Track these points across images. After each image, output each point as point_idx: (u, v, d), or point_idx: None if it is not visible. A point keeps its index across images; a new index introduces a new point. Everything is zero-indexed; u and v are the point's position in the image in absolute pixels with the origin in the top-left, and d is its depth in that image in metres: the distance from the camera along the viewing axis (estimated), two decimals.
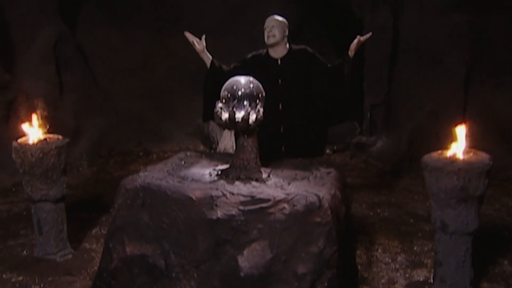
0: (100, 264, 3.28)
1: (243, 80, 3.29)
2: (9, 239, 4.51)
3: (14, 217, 5.04)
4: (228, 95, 3.26)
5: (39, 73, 6.46)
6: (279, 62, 4.16)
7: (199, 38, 4.14)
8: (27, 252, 4.23)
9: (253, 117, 3.17)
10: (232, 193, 2.94)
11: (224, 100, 3.26)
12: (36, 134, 4.07)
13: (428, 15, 6.54)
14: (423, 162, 3.30)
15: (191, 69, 6.50)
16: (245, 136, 3.27)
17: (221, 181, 3.15)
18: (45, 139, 4.01)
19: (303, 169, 3.50)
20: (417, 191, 5.62)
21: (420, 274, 3.85)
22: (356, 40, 4.00)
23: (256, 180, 3.19)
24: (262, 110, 3.21)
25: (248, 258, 2.84)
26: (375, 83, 6.98)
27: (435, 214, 3.34)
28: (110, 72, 7.60)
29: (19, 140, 3.98)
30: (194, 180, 3.19)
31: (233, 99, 3.22)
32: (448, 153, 3.34)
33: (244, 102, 3.22)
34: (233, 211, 2.89)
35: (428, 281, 3.68)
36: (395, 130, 6.76)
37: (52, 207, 4.02)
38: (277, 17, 4.20)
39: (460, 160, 3.22)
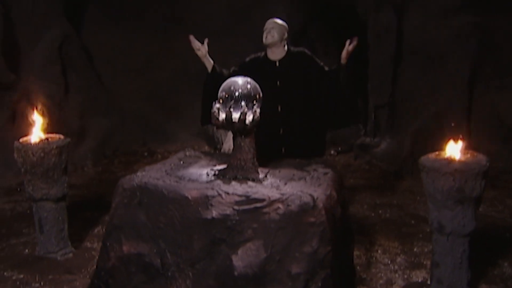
0: (98, 263, 3.31)
1: (241, 81, 3.31)
2: (12, 238, 4.56)
3: (18, 216, 5.09)
4: (226, 96, 3.28)
5: (44, 74, 6.52)
6: (277, 64, 4.19)
7: (202, 42, 4.16)
8: (29, 251, 4.27)
9: (250, 118, 3.19)
10: (227, 193, 2.96)
11: (222, 101, 3.28)
12: (38, 133, 4.12)
13: (433, 17, 6.53)
14: (420, 163, 3.31)
15: (196, 70, 6.51)
16: (242, 137, 3.28)
17: (218, 181, 3.17)
18: (47, 139, 4.05)
19: (301, 170, 3.50)
20: (420, 193, 5.60)
21: (419, 275, 3.85)
22: (345, 50, 4.02)
23: (253, 180, 3.20)
24: (259, 111, 3.23)
25: (243, 258, 2.86)
26: (379, 85, 6.97)
27: (432, 215, 3.34)
28: (115, 73, 7.65)
29: (21, 140, 4.03)
30: (191, 180, 3.21)
31: (230, 100, 3.24)
32: (445, 154, 3.34)
33: (241, 103, 3.23)
34: (228, 211, 2.91)
35: (427, 282, 3.68)
36: (399, 132, 6.74)
37: (53, 206, 4.06)
38: (277, 20, 4.23)
39: (457, 161, 3.22)
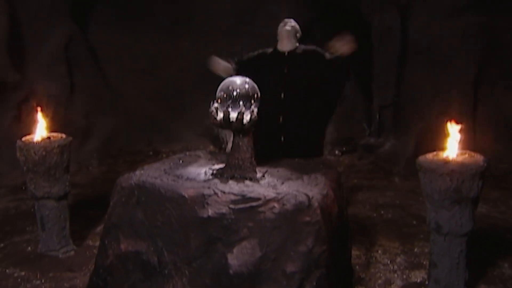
0: (97, 260, 3.33)
1: (239, 81, 3.33)
2: (15, 235, 4.61)
3: (22, 214, 5.14)
4: (224, 95, 3.29)
5: (50, 73, 6.58)
6: (287, 54, 4.28)
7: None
8: (31, 248, 4.32)
9: (248, 117, 3.20)
10: (224, 192, 2.97)
11: (220, 100, 3.30)
12: (41, 132, 4.17)
13: (437, 17, 6.51)
14: (418, 164, 3.31)
15: (201, 70, 6.55)
16: (240, 136, 3.29)
17: (215, 180, 3.18)
18: (49, 138, 4.10)
19: (300, 169, 3.51)
20: None
21: (418, 276, 3.84)
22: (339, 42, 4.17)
23: (250, 180, 3.21)
24: (257, 110, 3.24)
25: (238, 256, 2.87)
26: (383, 85, 6.97)
27: (430, 215, 3.35)
28: (121, 73, 7.70)
29: (23, 139, 4.08)
30: (189, 179, 3.23)
31: (228, 99, 3.26)
32: (443, 155, 3.34)
33: (240, 102, 3.25)
34: (224, 210, 2.92)
35: (425, 283, 3.68)
36: (403, 132, 6.73)
37: (55, 205, 4.10)
38: (293, 21, 4.37)
39: (454, 162, 3.22)
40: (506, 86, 6.43)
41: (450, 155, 3.31)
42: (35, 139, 4.06)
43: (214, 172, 3.36)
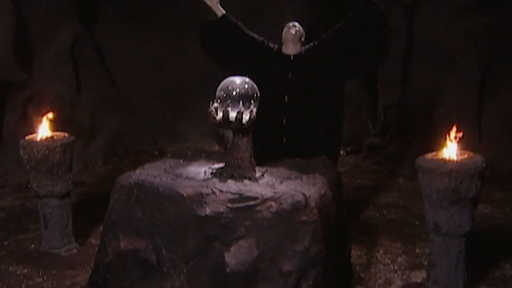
0: (96, 258, 3.37)
1: (238, 80, 3.36)
2: (19, 233, 4.65)
3: (26, 212, 5.19)
4: (224, 95, 3.32)
5: (56, 73, 6.62)
6: (292, 58, 4.26)
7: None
8: (35, 246, 4.36)
9: (247, 117, 3.22)
10: (221, 191, 3.00)
11: (219, 100, 3.32)
12: (44, 131, 4.21)
13: (443, 17, 6.49)
14: (417, 164, 3.31)
15: (207, 70, 6.59)
16: (240, 136, 3.32)
17: (214, 179, 3.21)
18: (52, 137, 4.14)
19: (299, 169, 3.52)
20: None
21: (418, 276, 3.84)
22: None
23: (249, 179, 3.24)
24: (256, 110, 3.26)
25: (235, 255, 2.89)
26: (389, 85, 6.95)
27: (429, 216, 3.34)
28: (127, 73, 7.73)
29: (27, 137, 4.12)
30: (188, 178, 3.26)
31: (228, 99, 3.28)
32: (442, 155, 3.34)
33: (239, 102, 3.27)
34: (221, 209, 2.94)
35: (425, 283, 3.67)
36: (408, 132, 6.71)
37: (58, 203, 4.14)
38: (296, 23, 4.35)
39: (452, 162, 3.21)
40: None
41: (449, 155, 3.30)
42: (38, 138, 4.10)
43: (214, 172, 3.38)
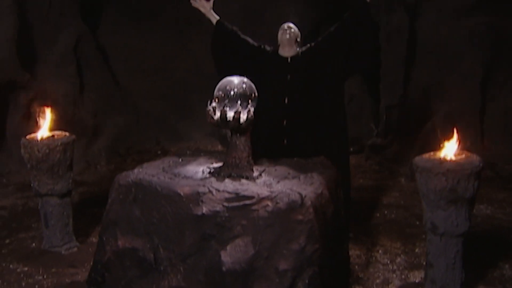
0: (95, 257, 3.39)
1: (236, 80, 3.37)
2: (21, 232, 4.69)
3: (29, 211, 5.23)
4: (222, 95, 3.33)
5: (60, 73, 6.66)
6: (289, 60, 4.25)
7: None
8: (36, 245, 4.40)
9: (244, 117, 3.23)
10: (218, 190, 3.01)
11: (217, 100, 3.34)
12: (45, 130, 4.24)
13: (446, 17, 6.49)
14: (414, 163, 3.31)
15: (210, 70, 6.59)
16: (238, 135, 3.33)
17: (211, 179, 3.22)
18: (52, 136, 4.17)
19: (297, 169, 3.53)
20: None
21: (417, 276, 3.84)
22: None
23: (247, 178, 3.25)
24: (254, 110, 3.27)
25: (231, 254, 2.91)
26: (391, 85, 6.95)
27: (426, 216, 3.34)
28: (130, 72, 7.76)
29: (28, 136, 4.15)
30: (186, 177, 3.27)
31: (226, 99, 3.29)
32: (440, 155, 3.34)
33: (237, 102, 3.28)
34: (218, 207, 2.95)
35: (423, 283, 3.67)
36: (410, 132, 6.70)
37: (58, 202, 4.17)
38: (291, 24, 4.32)
39: (449, 161, 3.22)
40: None
41: (446, 155, 3.30)
42: (39, 137, 4.13)
43: (212, 171, 3.39)
